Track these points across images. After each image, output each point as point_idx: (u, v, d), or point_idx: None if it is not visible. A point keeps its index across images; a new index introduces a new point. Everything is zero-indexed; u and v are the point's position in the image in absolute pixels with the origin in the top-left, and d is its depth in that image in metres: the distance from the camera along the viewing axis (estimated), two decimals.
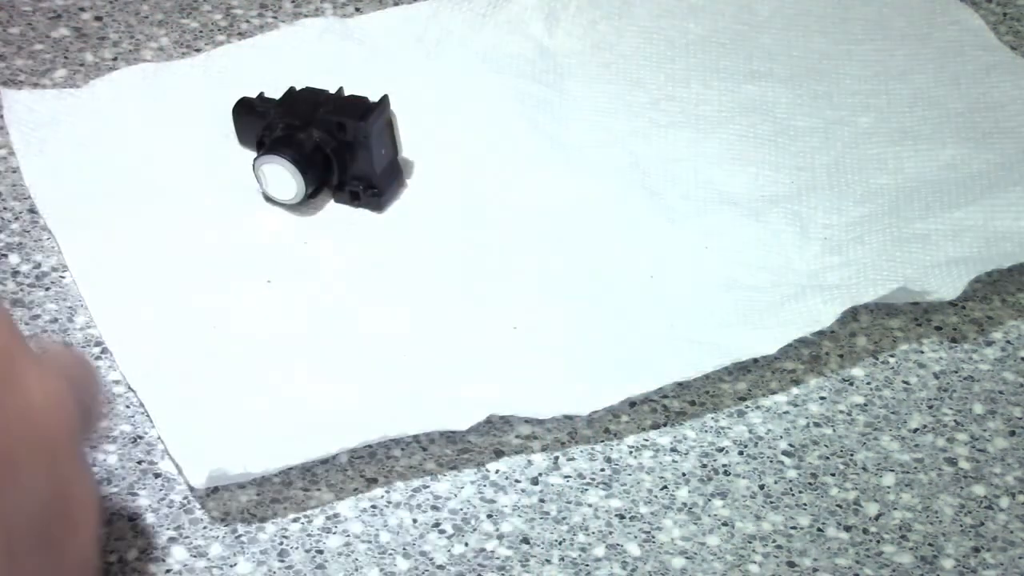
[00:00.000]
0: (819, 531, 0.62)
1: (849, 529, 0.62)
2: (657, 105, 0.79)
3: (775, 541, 0.61)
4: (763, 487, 0.63)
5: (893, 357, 0.69)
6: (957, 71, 0.81)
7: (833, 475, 0.64)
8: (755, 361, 0.68)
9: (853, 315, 0.70)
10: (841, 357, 0.69)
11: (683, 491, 0.63)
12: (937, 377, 0.68)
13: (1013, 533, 0.62)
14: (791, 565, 0.60)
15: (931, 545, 0.61)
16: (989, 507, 0.63)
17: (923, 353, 0.69)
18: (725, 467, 0.64)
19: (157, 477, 0.62)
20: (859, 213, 0.74)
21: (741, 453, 0.64)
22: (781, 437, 0.65)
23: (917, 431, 0.66)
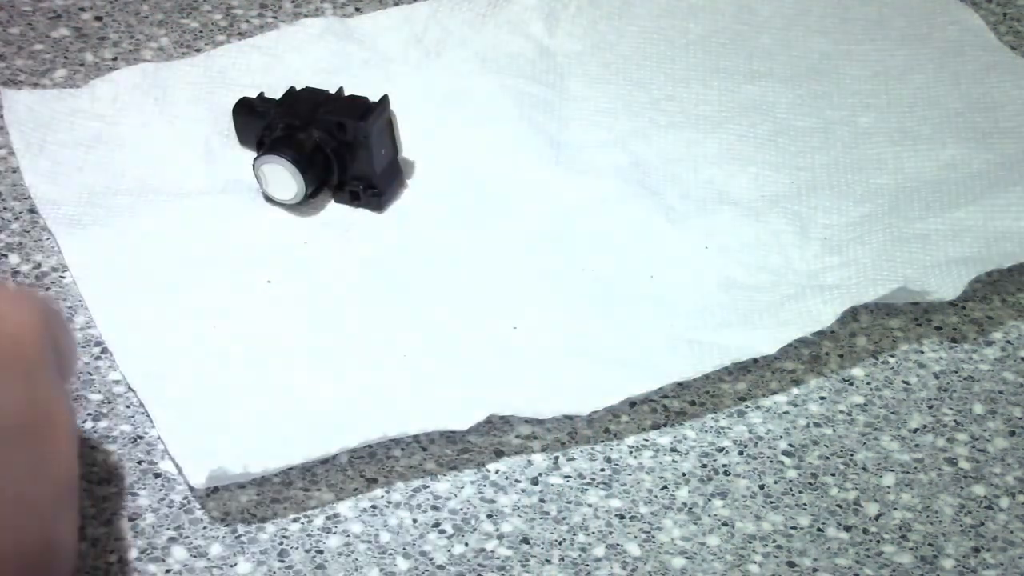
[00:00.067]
0: (819, 531, 0.62)
1: (849, 529, 0.62)
2: (657, 105, 0.79)
3: (775, 541, 0.61)
4: (763, 487, 0.63)
5: (893, 357, 0.69)
6: (957, 71, 0.81)
7: (833, 475, 0.64)
8: (755, 361, 0.68)
9: (853, 315, 0.70)
10: (841, 357, 0.69)
11: (683, 491, 0.63)
12: (937, 377, 0.68)
13: (1013, 533, 0.62)
14: (791, 565, 0.60)
15: (931, 545, 0.61)
16: (989, 507, 0.63)
17: (923, 353, 0.69)
18: (725, 467, 0.64)
19: (157, 477, 0.62)
20: (859, 213, 0.74)
21: (741, 453, 0.64)
22: (781, 437, 0.65)
23: (917, 431, 0.66)
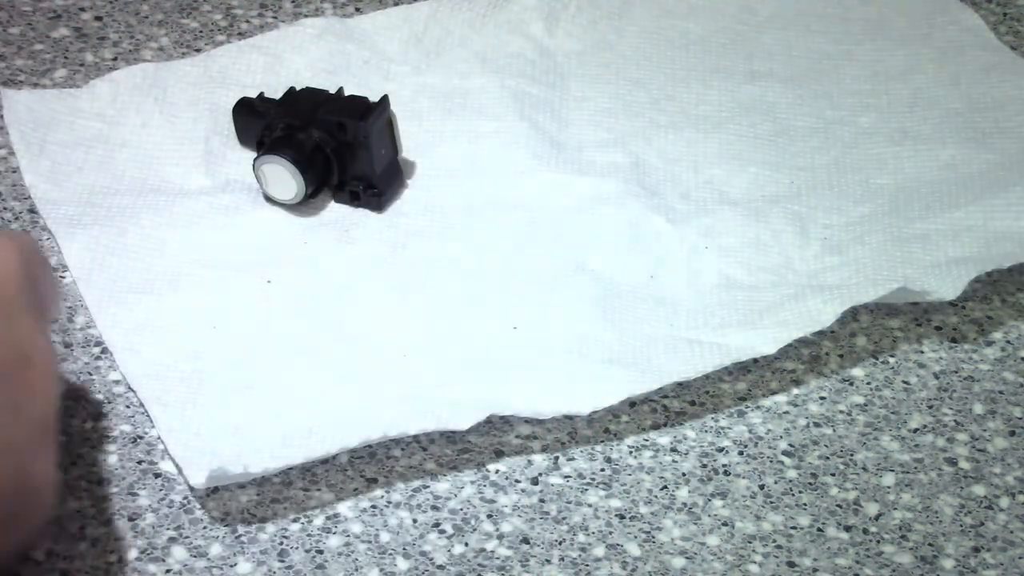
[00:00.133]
0: (819, 531, 0.62)
1: (849, 529, 0.62)
2: (657, 105, 0.79)
3: (775, 541, 0.61)
4: (763, 487, 0.63)
5: (893, 357, 0.69)
6: (957, 71, 0.81)
7: (833, 475, 0.64)
8: (755, 361, 0.68)
9: (853, 315, 0.70)
10: (841, 357, 0.69)
11: (683, 491, 0.63)
12: (937, 377, 0.68)
13: (1013, 533, 0.62)
14: (791, 565, 0.60)
15: (931, 545, 0.61)
16: (989, 507, 0.63)
17: (923, 353, 0.69)
18: (725, 467, 0.64)
19: (157, 477, 0.62)
20: (859, 213, 0.74)
21: (741, 453, 0.64)
22: (781, 437, 0.65)
23: (917, 431, 0.66)
